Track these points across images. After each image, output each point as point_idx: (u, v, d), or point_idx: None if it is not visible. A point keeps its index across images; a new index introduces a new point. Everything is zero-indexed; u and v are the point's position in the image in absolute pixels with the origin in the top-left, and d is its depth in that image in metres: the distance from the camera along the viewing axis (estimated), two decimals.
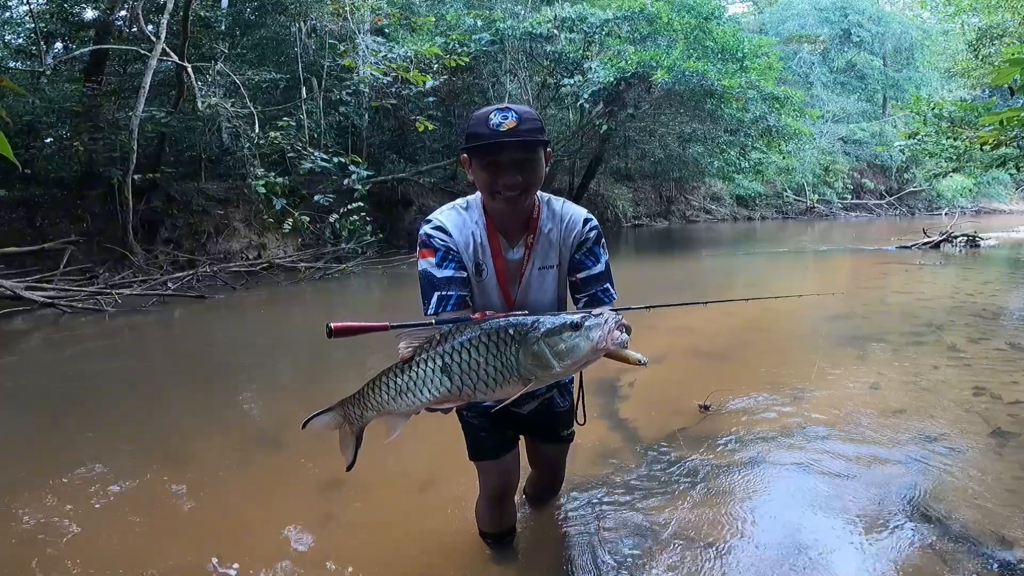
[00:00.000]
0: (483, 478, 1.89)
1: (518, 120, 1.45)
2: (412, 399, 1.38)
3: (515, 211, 1.58)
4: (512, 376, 1.33)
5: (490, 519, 1.97)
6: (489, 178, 1.50)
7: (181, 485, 2.64)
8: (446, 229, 1.61)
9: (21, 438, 3.37)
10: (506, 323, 1.35)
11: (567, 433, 1.98)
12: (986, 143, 6.81)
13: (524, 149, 1.48)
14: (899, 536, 2.07)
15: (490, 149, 1.47)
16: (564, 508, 2.31)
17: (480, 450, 1.84)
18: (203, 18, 10.46)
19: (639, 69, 12.12)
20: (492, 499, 1.92)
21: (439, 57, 11.12)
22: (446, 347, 1.35)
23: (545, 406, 1.89)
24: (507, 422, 1.82)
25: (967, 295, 6.51)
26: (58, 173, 9.61)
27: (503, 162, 1.48)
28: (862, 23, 26.65)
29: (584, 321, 1.29)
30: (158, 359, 5.09)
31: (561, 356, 1.29)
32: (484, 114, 1.49)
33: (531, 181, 1.52)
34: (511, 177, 1.49)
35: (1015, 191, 30.50)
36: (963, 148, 11.86)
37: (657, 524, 2.20)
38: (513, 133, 1.45)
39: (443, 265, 1.59)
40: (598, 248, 1.67)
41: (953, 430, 2.92)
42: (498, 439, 1.83)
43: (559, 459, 2.09)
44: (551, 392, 1.89)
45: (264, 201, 9.27)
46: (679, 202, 23.11)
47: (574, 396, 1.99)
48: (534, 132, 1.48)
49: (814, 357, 4.28)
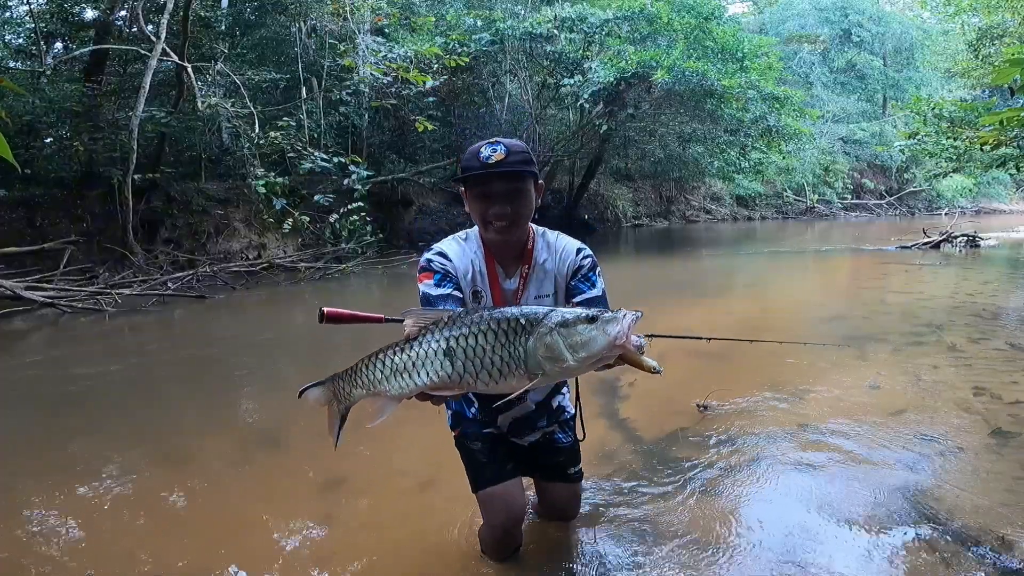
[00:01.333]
0: (485, 509, 1.82)
1: (506, 153, 1.53)
2: (407, 381, 1.31)
3: (508, 241, 1.64)
4: (518, 368, 1.26)
5: (494, 547, 1.89)
6: (481, 208, 1.58)
7: (181, 485, 2.64)
8: (447, 255, 1.67)
9: (21, 438, 3.36)
10: (519, 311, 1.29)
11: (574, 471, 1.96)
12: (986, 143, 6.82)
13: (511, 180, 1.55)
14: (899, 536, 2.07)
15: (479, 180, 1.55)
16: None
17: (481, 477, 1.79)
18: (203, 18, 10.47)
19: (639, 69, 12.12)
20: (496, 530, 1.84)
21: (439, 57, 11.13)
22: (453, 330, 1.28)
23: (547, 440, 1.88)
24: (508, 452, 1.80)
25: (967, 295, 6.51)
26: (58, 173, 9.61)
27: (492, 193, 1.56)
28: (862, 23, 26.66)
29: (601, 314, 1.24)
30: (158, 359, 5.09)
31: (575, 349, 1.23)
32: (476, 148, 1.57)
33: (520, 212, 1.58)
34: (500, 207, 1.55)
35: (1015, 191, 30.50)
36: (963, 148, 11.86)
37: (657, 524, 2.20)
38: (501, 165, 1.52)
39: (441, 285, 1.62)
40: (593, 275, 1.69)
41: (953, 430, 2.92)
42: (499, 467, 1.79)
43: (570, 500, 2.05)
44: (552, 426, 1.87)
45: (264, 201, 9.27)
46: (679, 202, 23.11)
47: (576, 432, 1.96)
48: (521, 164, 1.55)
49: (814, 357, 4.28)
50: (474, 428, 1.81)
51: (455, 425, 1.87)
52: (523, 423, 1.82)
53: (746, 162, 16.89)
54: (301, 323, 6.47)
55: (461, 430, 1.84)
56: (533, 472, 1.93)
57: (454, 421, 1.87)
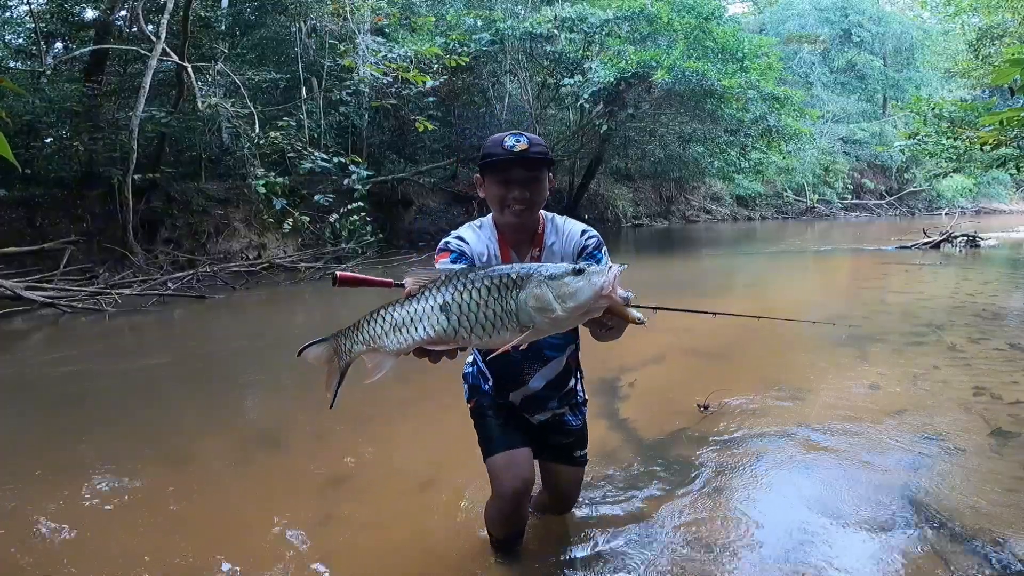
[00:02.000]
0: (495, 476, 1.84)
1: (529, 144, 1.68)
2: (405, 335, 1.36)
3: (523, 224, 1.76)
4: (511, 322, 1.32)
5: (501, 522, 1.91)
6: (500, 192, 1.71)
7: (181, 485, 2.64)
8: (464, 239, 1.78)
9: (21, 438, 3.36)
10: (510, 268, 1.36)
11: (580, 455, 2.03)
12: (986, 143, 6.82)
13: (532, 168, 1.70)
14: (899, 536, 2.07)
15: (503, 167, 1.69)
16: None
17: (492, 442, 1.86)
18: (203, 18, 10.47)
19: (639, 69, 12.12)
20: (504, 499, 1.84)
21: (439, 57, 11.13)
22: (449, 287, 1.35)
23: (557, 421, 1.96)
24: (519, 425, 1.90)
25: (967, 295, 6.51)
26: (58, 173, 9.62)
27: (513, 179, 1.69)
28: (862, 23, 26.66)
29: (588, 267, 1.31)
30: (158, 359, 5.09)
31: (564, 299, 1.29)
32: (500, 137, 1.71)
33: (536, 198, 1.73)
34: (521, 192, 1.70)
35: (1015, 191, 30.49)
36: (963, 148, 11.86)
37: (657, 524, 2.20)
38: (524, 154, 1.67)
39: (457, 262, 1.72)
40: (599, 253, 1.78)
41: (953, 430, 2.92)
42: (511, 436, 1.87)
43: (573, 483, 2.10)
44: (563, 407, 1.95)
45: (264, 201, 9.27)
46: (679, 202, 23.10)
47: (586, 418, 2.04)
48: (542, 154, 1.70)
49: (814, 357, 4.28)
50: (489, 399, 1.92)
51: (471, 397, 1.98)
52: (534, 402, 1.91)
53: (746, 162, 16.89)
54: (301, 323, 6.47)
55: (477, 400, 1.95)
56: (541, 452, 1.98)
57: (470, 393, 1.98)
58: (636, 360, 4.13)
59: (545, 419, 1.94)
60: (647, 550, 2.06)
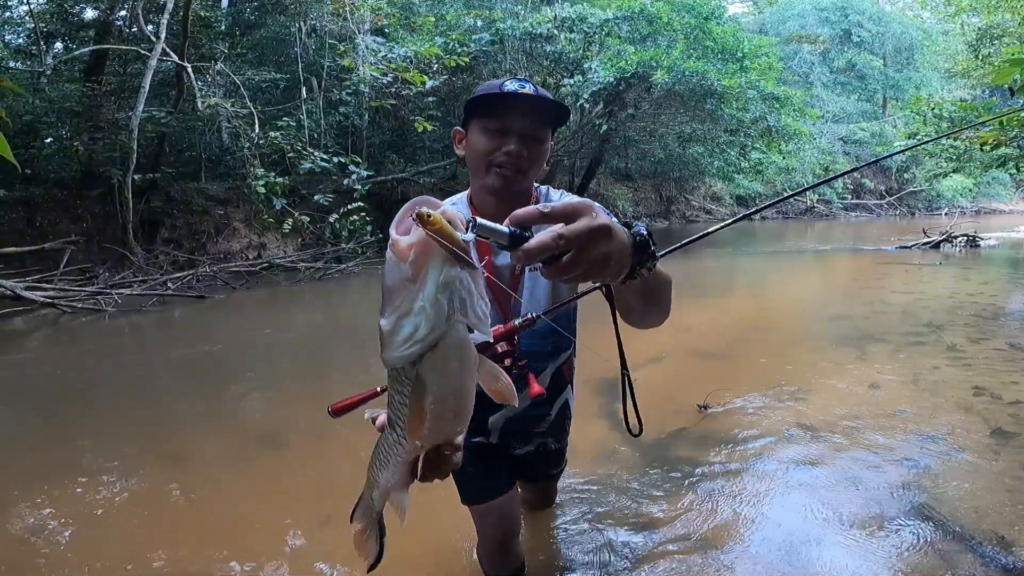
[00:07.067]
0: (480, 524, 1.71)
1: (535, 91, 1.32)
2: (389, 468, 0.98)
3: (508, 193, 1.36)
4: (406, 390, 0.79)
5: (491, 565, 1.76)
6: (489, 145, 1.32)
7: (181, 485, 2.64)
8: None
9: (21, 438, 3.36)
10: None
11: (557, 471, 1.90)
12: (986, 143, 6.81)
13: (535, 119, 1.32)
14: (899, 536, 2.07)
15: (498, 111, 1.31)
16: (563, 508, 2.31)
17: (472, 492, 1.65)
18: (203, 18, 10.46)
19: (639, 69, 12.11)
20: (493, 546, 1.72)
21: (439, 57, 11.13)
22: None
23: (542, 452, 1.74)
24: (501, 464, 1.66)
25: (967, 295, 6.51)
26: (58, 173, 9.60)
27: (510, 128, 1.31)
28: (862, 23, 26.67)
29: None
30: (158, 359, 5.09)
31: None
32: (497, 81, 1.35)
33: (533, 159, 1.34)
34: (518, 147, 1.31)
35: (1015, 191, 30.49)
36: (963, 148, 11.86)
37: (656, 524, 2.20)
38: (529, 98, 1.31)
39: None
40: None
41: (953, 430, 2.92)
42: (490, 482, 1.66)
43: (548, 494, 2.10)
44: (547, 439, 1.72)
45: (264, 201, 9.27)
46: (679, 202, 23.11)
47: (568, 437, 1.80)
48: (551, 103, 1.34)
49: (814, 357, 4.28)
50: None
51: None
52: (517, 433, 1.64)
53: (746, 162, 16.89)
54: (301, 323, 6.47)
55: None
56: (519, 476, 1.79)
57: None
58: (636, 360, 4.12)
59: (530, 450, 1.68)
60: (646, 550, 2.06)
